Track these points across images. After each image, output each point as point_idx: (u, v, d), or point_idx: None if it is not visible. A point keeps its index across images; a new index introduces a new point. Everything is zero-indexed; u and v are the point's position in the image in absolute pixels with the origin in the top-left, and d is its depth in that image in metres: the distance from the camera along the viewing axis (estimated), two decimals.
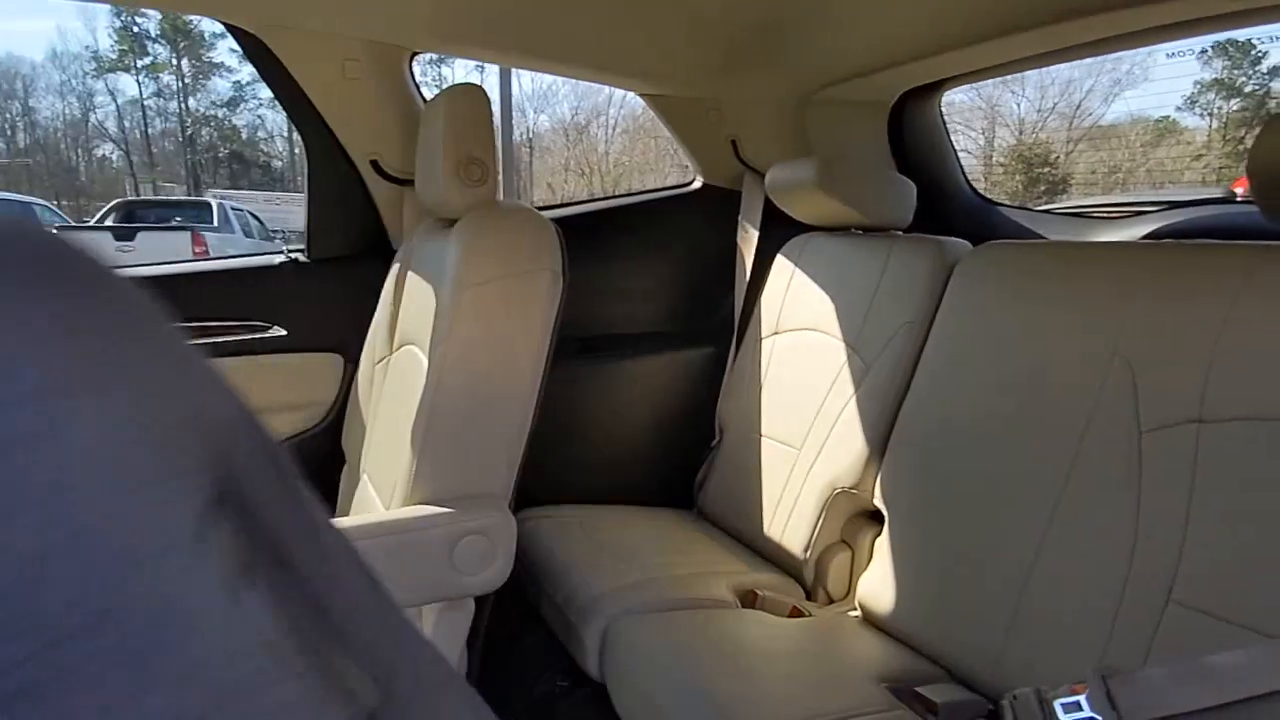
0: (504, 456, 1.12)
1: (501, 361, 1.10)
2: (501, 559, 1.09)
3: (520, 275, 1.11)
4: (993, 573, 1.14)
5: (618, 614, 1.26)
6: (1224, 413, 0.96)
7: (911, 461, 1.33)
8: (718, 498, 1.74)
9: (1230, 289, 0.99)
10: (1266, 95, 24.22)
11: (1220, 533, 0.92)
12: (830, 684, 1.08)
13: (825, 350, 1.59)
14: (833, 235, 1.71)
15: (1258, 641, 0.86)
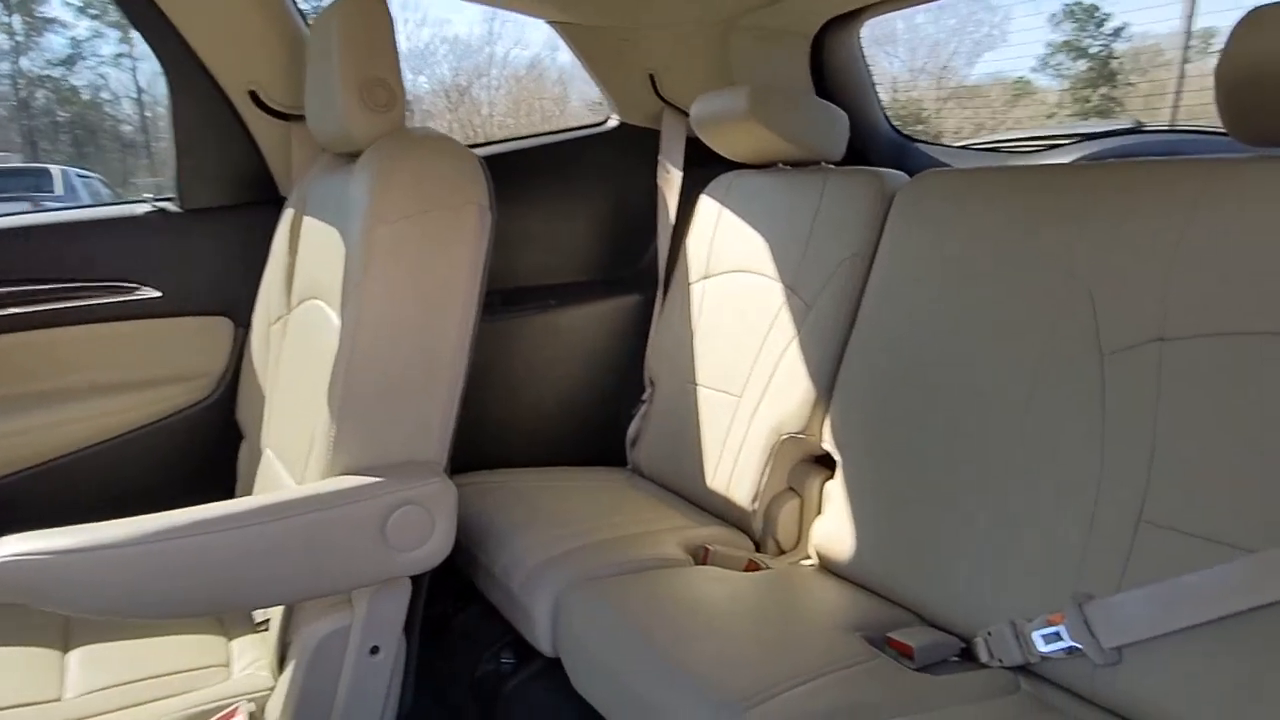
0: (437, 416, 0.99)
1: (428, 308, 0.97)
2: (441, 531, 0.96)
3: (443, 210, 0.97)
4: (957, 509, 1.10)
5: (567, 583, 1.16)
6: (1186, 330, 0.94)
7: (862, 401, 1.28)
8: (654, 453, 1.65)
9: (1186, 205, 0.97)
10: (1110, 56, 26.07)
11: (1187, 450, 0.91)
12: (804, 639, 1.02)
13: (761, 292, 1.52)
14: (760, 172, 1.63)
15: (1231, 555, 0.85)
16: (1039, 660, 0.98)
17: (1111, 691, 0.92)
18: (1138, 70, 25.66)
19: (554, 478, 1.59)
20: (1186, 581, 0.88)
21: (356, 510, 0.91)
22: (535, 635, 1.15)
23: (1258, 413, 0.87)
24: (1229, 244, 0.92)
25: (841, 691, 0.91)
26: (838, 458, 1.31)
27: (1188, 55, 13.27)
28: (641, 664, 0.98)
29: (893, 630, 1.08)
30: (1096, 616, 0.93)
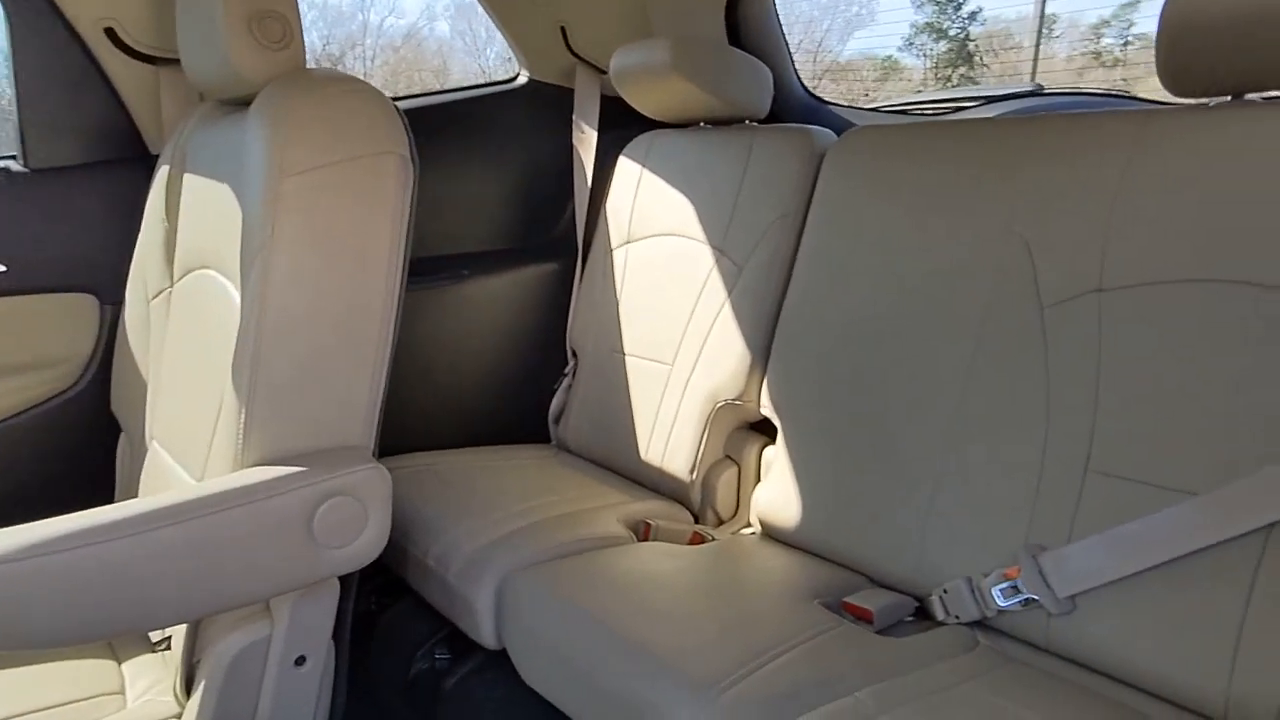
0: (363, 394, 0.88)
1: (348, 272, 0.85)
2: (376, 524, 0.86)
3: (360, 159, 0.86)
4: (903, 469, 1.10)
5: (509, 569, 1.08)
6: (1123, 280, 0.96)
7: (800, 364, 1.25)
8: (581, 427, 1.58)
9: (1120, 157, 0.98)
10: (967, 39, 27.63)
11: (1129, 399, 0.93)
12: (765, 611, 0.99)
13: (688, 255, 1.47)
14: (681, 131, 1.57)
15: (1175, 499, 0.87)
16: (995, 614, 0.99)
17: (1065, 639, 0.94)
18: (991, 52, 27.37)
19: (478, 458, 1.50)
20: (1134, 528, 0.89)
21: (277, 506, 0.80)
22: (476, 627, 1.07)
23: (1195, 360, 0.89)
24: (1164, 194, 0.94)
25: (813, 664, 0.88)
26: (777, 423, 1.28)
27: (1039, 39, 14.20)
28: (600, 651, 0.92)
29: (847, 594, 1.06)
30: (1050, 567, 0.94)
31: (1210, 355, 0.88)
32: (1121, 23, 27.70)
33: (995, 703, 0.83)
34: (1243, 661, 0.82)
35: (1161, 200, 0.94)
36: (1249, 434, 0.85)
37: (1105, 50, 25.83)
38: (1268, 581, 0.82)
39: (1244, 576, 0.83)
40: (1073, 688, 0.89)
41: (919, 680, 0.86)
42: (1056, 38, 25.46)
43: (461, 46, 16.10)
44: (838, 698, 0.82)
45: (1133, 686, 0.90)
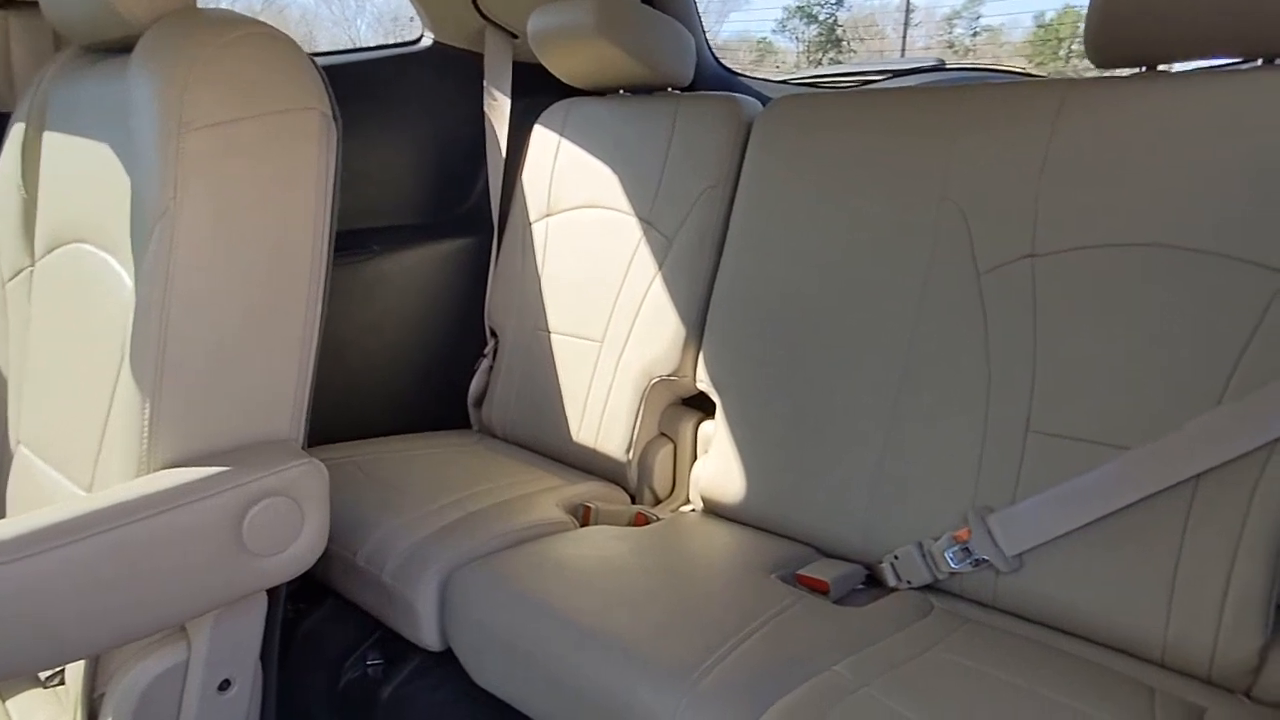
0: (289, 380, 0.78)
1: (270, 242, 0.75)
2: (314, 525, 0.77)
3: (277, 115, 0.75)
4: (848, 438, 1.09)
5: (452, 565, 1.00)
6: (1054, 245, 0.98)
7: (737, 336, 1.23)
8: (505, 410, 1.50)
9: (1045, 124, 1.00)
10: (835, 23, 28.69)
11: (1065, 359, 0.95)
12: (723, 591, 0.96)
13: (614, 228, 1.41)
14: (600, 99, 1.51)
15: (1113, 455, 0.91)
16: (946, 577, 1.00)
17: (1013, 596, 0.96)
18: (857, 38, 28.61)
19: (399, 447, 1.39)
20: (1075, 484, 0.92)
21: (199, 513, 0.69)
22: (417, 629, 0.99)
23: (1125, 320, 0.92)
24: (1087, 162, 0.97)
25: (784, 641, 0.86)
26: (716, 397, 1.25)
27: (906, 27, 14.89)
28: (561, 643, 0.86)
29: (798, 567, 1.06)
30: (998, 528, 0.96)
31: (1137, 316, 0.92)
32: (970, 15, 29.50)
33: (965, 665, 0.84)
34: (1177, 606, 0.87)
35: (1085, 168, 0.97)
36: (1175, 390, 0.89)
37: (957, 40, 27.51)
38: (1197, 529, 0.87)
39: (1175, 526, 0.88)
40: (1026, 642, 0.91)
41: (888, 649, 0.86)
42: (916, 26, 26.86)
43: (328, 16, 15.16)
44: (815, 674, 0.80)
45: (1077, 636, 0.93)
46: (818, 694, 0.76)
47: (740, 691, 0.76)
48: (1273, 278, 0.85)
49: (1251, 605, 0.83)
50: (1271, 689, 0.84)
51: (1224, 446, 0.85)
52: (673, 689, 0.77)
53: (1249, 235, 0.87)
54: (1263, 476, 0.84)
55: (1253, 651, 0.83)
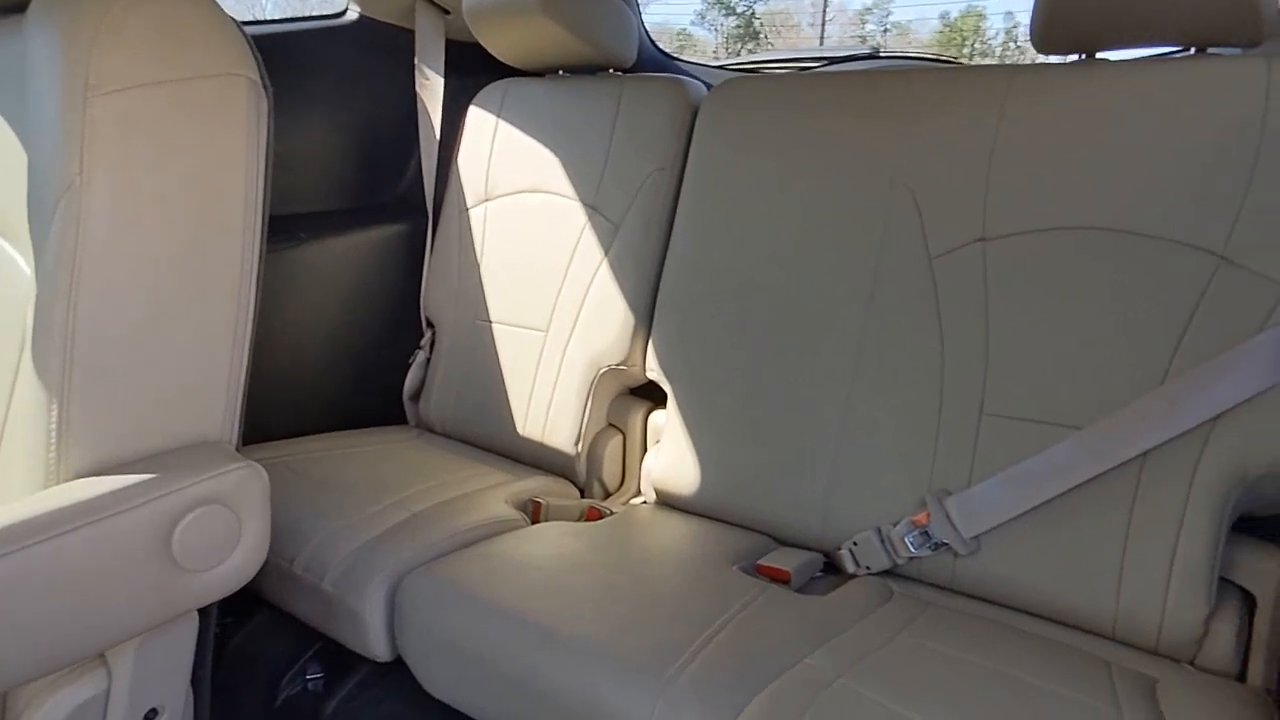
0: (221, 374, 0.70)
1: (194, 222, 0.67)
2: (253, 534, 0.70)
3: (201, 80, 0.68)
4: (803, 425, 1.08)
5: (401, 569, 0.94)
6: (1005, 229, 0.99)
7: (686, 322, 1.20)
8: (445, 404, 1.44)
9: (993, 110, 1.01)
10: (753, 17, 29.06)
11: (1017, 342, 0.97)
12: (687, 584, 0.93)
13: (557, 213, 1.37)
14: (539, 80, 1.45)
15: (1064, 435, 0.92)
16: (905, 562, 1.00)
17: (971, 578, 0.97)
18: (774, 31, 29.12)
19: (333, 445, 1.31)
20: (1029, 465, 0.94)
21: (122, 526, 0.62)
22: (364, 639, 0.92)
23: (1073, 302, 0.94)
24: (1033, 147, 0.98)
25: (754, 634, 0.84)
26: (667, 386, 1.22)
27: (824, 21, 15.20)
28: (520, 647, 0.82)
29: (757, 557, 1.04)
30: (956, 510, 0.96)
31: (1085, 298, 0.93)
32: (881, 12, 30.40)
33: (933, 649, 0.84)
34: (1127, 581, 0.89)
35: (1032, 153, 0.98)
36: (1122, 370, 0.91)
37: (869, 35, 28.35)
38: (1143, 506, 0.89)
39: (1124, 503, 0.90)
40: (987, 623, 0.92)
41: (856, 638, 0.85)
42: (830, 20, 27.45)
43: None
44: (790, 667, 0.78)
45: (1033, 614, 0.95)
46: (794, 689, 0.74)
47: (716, 689, 0.74)
48: (1209, 260, 0.88)
49: (1195, 577, 0.86)
50: (1215, 657, 0.87)
51: (1166, 425, 0.88)
52: (645, 689, 0.74)
53: (1186, 219, 0.89)
54: (1203, 453, 0.87)
55: (1198, 622, 0.86)
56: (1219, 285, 0.87)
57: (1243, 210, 0.87)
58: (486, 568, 0.93)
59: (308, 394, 1.43)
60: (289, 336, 1.38)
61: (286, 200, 1.42)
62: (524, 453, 1.35)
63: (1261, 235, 0.86)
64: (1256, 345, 0.84)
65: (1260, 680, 0.87)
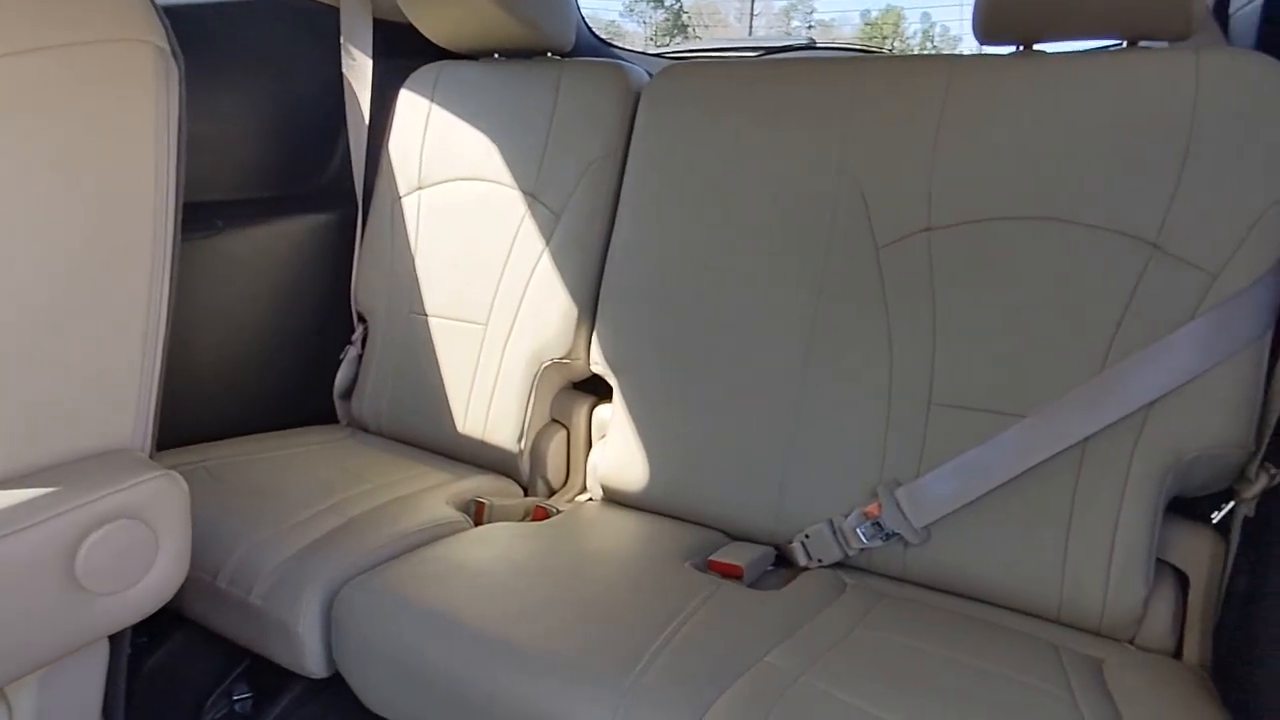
0: (131, 374, 0.64)
1: (94, 208, 0.61)
2: (170, 552, 0.63)
3: (95, 44, 0.61)
4: (753, 417, 1.07)
5: (337, 579, 0.88)
6: (950, 219, 1.00)
7: (632, 315, 1.17)
8: (379, 402, 1.37)
9: (936, 100, 1.01)
10: (681, 10, 29.23)
11: (962, 331, 0.97)
12: (640, 585, 0.91)
13: (496, 202, 1.32)
14: (475, 63, 1.40)
15: (1010, 423, 0.93)
16: (856, 553, 1.00)
17: (922, 567, 0.98)
18: (702, 25, 29.36)
19: (259, 448, 1.23)
20: (976, 454, 0.94)
21: (17, 547, 0.55)
22: (298, 654, 0.86)
23: (1017, 291, 0.95)
24: (976, 137, 0.99)
25: (711, 634, 0.81)
26: (612, 380, 1.19)
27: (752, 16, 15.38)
28: (469, 658, 0.78)
29: (709, 553, 1.02)
30: (907, 501, 0.96)
31: (1028, 287, 0.95)
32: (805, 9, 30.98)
33: (890, 641, 0.83)
34: (1070, 565, 0.90)
35: (973, 142, 0.99)
36: (1065, 358, 0.92)
37: (794, 32, 28.84)
38: (1085, 491, 0.91)
39: (1067, 489, 0.91)
40: (939, 613, 0.92)
41: (813, 634, 0.84)
42: (757, 16, 27.81)
43: None
44: (750, 666, 0.76)
45: (982, 601, 0.96)
46: (757, 689, 0.72)
47: (677, 694, 0.71)
48: (1143, 249, 0.90)
49: (1134, 559, 0.88)
50: (1153, 636, 0.90)
51: (1104, 412, 0.89)
52: (603, 698, 0.71)
53: (1121, 208, 0.91)
54: (1140, 438, 0.89)
55: (1138, 602, 0.88)
56: (1153, 273, 0.89)
57: (1174, 200, 0.89)
58: (429, 574, 0.88)
59: (231, 393, 1.34)
60: (208, 332, 1.29)
61: (203, 186, 1.32)
62: (464, 451, 1.30)
63: (1191, 224, 0.88)
64: (1187, 333, 0.87)
65: (1196, 657, 0.90)
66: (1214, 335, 0.86)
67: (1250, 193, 0.86)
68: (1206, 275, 0.87)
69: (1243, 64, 0.88)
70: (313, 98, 1.46)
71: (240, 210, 1.34)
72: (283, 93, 1.43)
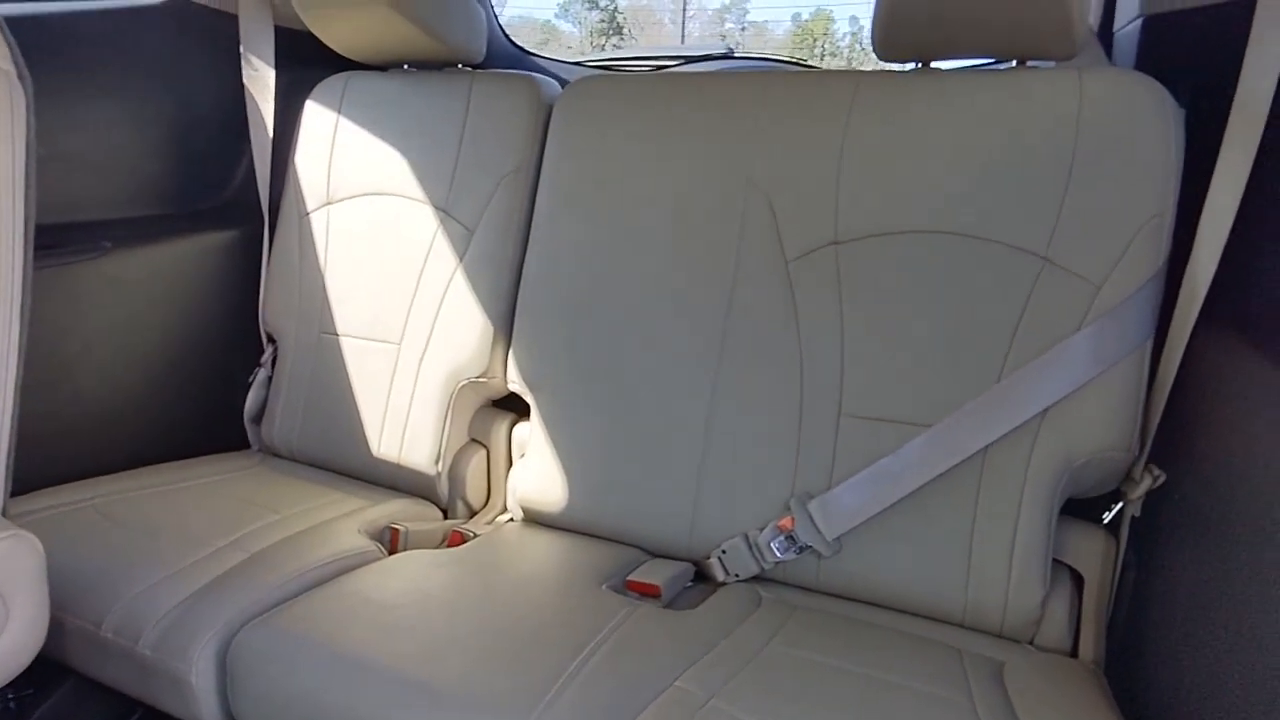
0: None
1: None
2: (22, 618, 0.60)
3: None
4: (668, 432, 1.07)
5: (233, 622, 0.85)
6: (855, 232, 1.01)
7: (548, 331, 1.16)
8: (290, 426, 1.33)
9: (841, 115, 1.03)
10: (616, 11, 29.26)
11: (869, 343, 0.99)
12: (554, 611, 0.89)
13: (407, 217, 1.29)
14: (383, 74, 1.36)
15: (917, 433, 0.95)
16: (772, 566, 1.01)
17: (834, 577, 0.99)
18: (638, 26, 29.44)
19: (160, 480, 1.18)
20: (884, 464, 0.96)
21: None
22: (192, 706, 0.82)
23: (920, 304, 0.97)
24: (878, 151, 1.01)
25: (623, 659, 0.81)
26: (529, 398, 1.18)
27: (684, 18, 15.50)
28: (378, 701, 0.76)
29: (627, 572, 1.02)
30: (819, 513, 0.98)
31: (929, 300, 0.97)
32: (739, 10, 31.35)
33: (799, 657, 0.84)
34: (974, 570, 0.93)
35: (876, 157, 1.01)
36: (966, 369, 0.95)
37: (729, 34, 29.16)
38: (986, 498, 0.93)
39: (969, 496, 0.94)
40: (850, 623, 0.94)
41: (726, 654, 0.84)
42: (691, 18, 28.02)
43: None
44: (662, 690, 0.76)
45: (893, 608, 0.98)
46: (665, 715, 0.72)
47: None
48: (1035, 262, 0.93)
49: (1032, 562, 0.91)
50: (1051, 636, 0.93)
51: (1002, 421, 0.92)
52: None
53: (1014, 222, 0.94)
54: (1035, 445, 0.92)
55: (1036, 604, 0.91)
56: (1043, 285, 0.92)
57: (1061, 214, 0.92)
58: (334, 611, 0.85)
59: (129, 422, 1.28)
60: (95, 359, 1.23)
61: (89, 204, 1.26)
62: (380, 475, 1.26)
63: (1077, 237, 0.91)
64: (1074, 343, 0.90)
65: (1091, 654, 0.93)
66: (1099, 344, 0.90)
67: (1129, 207, 0.90)
68: (1091, 286, 0.91)
69: (1122, 83, 0.92)
70: (212, 109, 1.41)
71: (133, 228, 1.28)
72: (178, 103, 1.37)
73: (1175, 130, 0.90)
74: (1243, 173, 0.87)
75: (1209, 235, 0.89)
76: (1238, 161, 0.88)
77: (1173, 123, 0.90)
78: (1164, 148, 0.89)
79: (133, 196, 1.32)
